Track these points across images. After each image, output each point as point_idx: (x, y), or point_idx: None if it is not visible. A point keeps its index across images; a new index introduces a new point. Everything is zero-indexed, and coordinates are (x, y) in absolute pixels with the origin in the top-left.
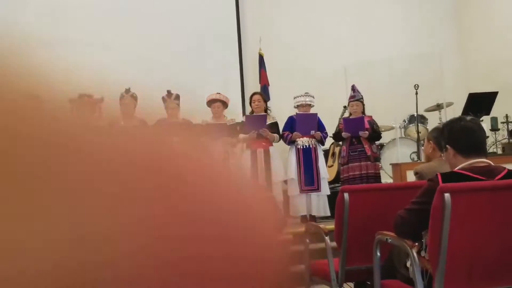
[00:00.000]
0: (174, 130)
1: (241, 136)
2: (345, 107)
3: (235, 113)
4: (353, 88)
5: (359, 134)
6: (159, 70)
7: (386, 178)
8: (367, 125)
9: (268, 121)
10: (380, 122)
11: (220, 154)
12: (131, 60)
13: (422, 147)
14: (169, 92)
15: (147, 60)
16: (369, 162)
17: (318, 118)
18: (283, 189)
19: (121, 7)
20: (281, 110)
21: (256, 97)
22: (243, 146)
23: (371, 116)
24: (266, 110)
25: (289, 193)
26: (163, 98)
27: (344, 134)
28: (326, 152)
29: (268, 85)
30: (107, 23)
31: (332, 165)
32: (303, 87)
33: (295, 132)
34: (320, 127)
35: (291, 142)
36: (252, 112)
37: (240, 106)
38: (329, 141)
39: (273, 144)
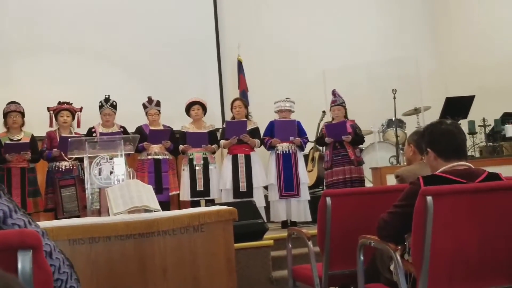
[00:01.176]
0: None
1: (222, 141)
2: (324, 112)
3: (214, 118)
4: (334, 93)
5: (342, 139)
6: (137, 75)
7: (366, 182)
8: (349, 129)
9: (249, 127)
10: (359, 126)
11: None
12: (109, 65)
13: (401, 151)
14: (149, 98)
15: (126, 65)
16: (352, 166)
17: (299, 123)
18: (265, 195)
19: (98, 11)
20: (261, 115)
21: (237, 103)
22: (223, 152)
23: (353, 120)
24: (247, 115)
25: (269, 198)
26: (144, 104)
27: (327, 140)
28: (306, 157)
29: (247, 90)
30: (83, 27)
31: (312, 170)
32: (283, 91)
33: (274, 139)
34: (301, 132)
35: (271, 147)
36: (233, 117)
37: (219, 111)
38: (308, 146)
39: (255, 149)
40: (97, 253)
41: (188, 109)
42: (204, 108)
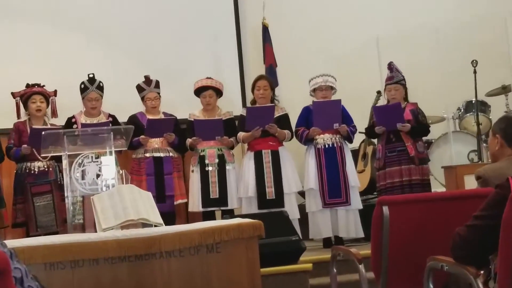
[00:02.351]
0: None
1: (241, 134)
2: (379, 93)
3: (232, 103)
4: (391, 67)
5: (398, 128)
6: (130, 50)
7: (437, 186)
8: (409, 116)
9: (277, 114)
10: (427, 112)
11: None
12: (93, 37)
13: (484, 144)
14: (147, 78)
15: (115, 36)
16: (412, 166)
17: (343, 107)
18: (299, 204)
19: None
20: (292, 100)
21: (262, 82)
22: (243, 148)
23: (415, 104)
24: (273, 99)
25: (308, 209)
26: (139, 86)
27: (377, 129)
28: (355, 153)
29: (276, 65)
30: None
31: (363, 170)
32: (322, 68)
33: (312, 128)
34: (346, 118)
35: (308, 140)
36: (255, 102)
37: (239, 94)
38: (358, 138)
39: (284, 143)
40: (81, 281)
41: (198, 94)
42: (218, 93)
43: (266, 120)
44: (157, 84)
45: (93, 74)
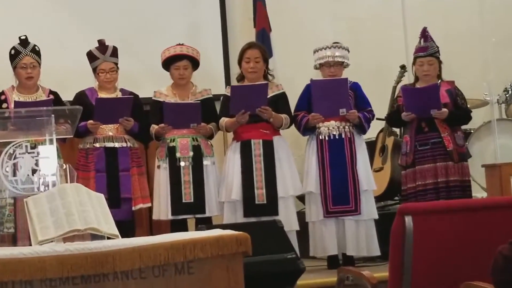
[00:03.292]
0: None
1: (224, 120)
2: (403, 67)
3: (212, 79)
4: (425, 34)
5: (432, 115)
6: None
7: (476, 189)
8: (445, 98)
9: (271, 93)
10: (464, 93)
11: None
12: None
13: None
14: (101, 43)
15: None
16: (450, 163)
17: (357, 85)
18: (299, 211)
19: None
20: (291, 75)
21: (252, 52)
22: (226, 137)
23: (452, 82)
24: (266, 74)
25: (308, 218)
26: (90, 53)
27: (405, 116)
28: (371, 146)
29: (270, 30)
30: None
31: (381, 168)
32: (329, 34)
33: (312, 114)
34: (360, 100)
35: (307, 129)
36: (243, 77)
37: (221, 67)
38: (376, 127)
39: (280, 131)
40: None
41: (167, 66)
42: (195, 64)
43: (257, 102)
44: (115, 52)
45: (25, 36)
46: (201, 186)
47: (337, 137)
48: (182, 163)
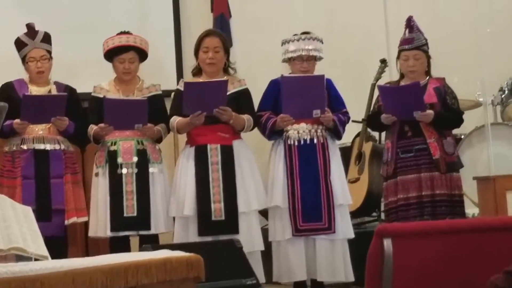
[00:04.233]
0: None
1: (176, 120)
2: (383, 61)
3: (162, 73)
4: (411, 24)
5: (415, 117)
6: None
7: (466, 204)
8: (432, 98)
9: (232, 89)
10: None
11: None
12: None
13: None
14: (30, 27)
15: None
16: (436, 173)
17: (330, 84)
18: (263, 228)
19: None
20: (255, 68)
21: (211, 41)
22: (177, 140)
23: (442, 79)
24: (227, 68)
25: (272, 237)
26: (18, 40)
27: (384, 118)
28: (346, 152)
29: (229, 16)
30: None
31: (357, 179)
32: (300, 21)
33: (281, 115)
34: (334, 101)
35: (274, 132)
36: (200, 71)
37: (173, 59)
38: (352, 130)
39: (242, 135)
40: None
41: (110, 57)
42: (142, 55)
43: (214, 102)
44: (47, 38)
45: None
46: (146, 197)
47: (308, 142)
48: (124, 170)
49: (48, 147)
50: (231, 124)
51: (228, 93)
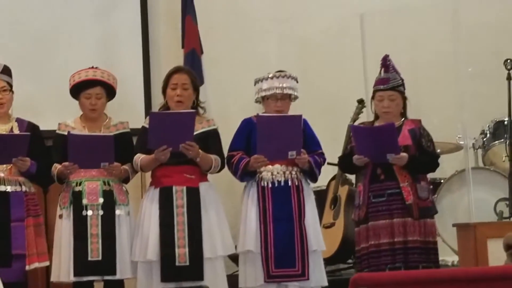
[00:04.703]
0: None
1: (140, 157)
2: (361, 101)
3: (130, 111)
4: (387, 63)
5: (389, 160)
6: None
7: (445, 252)
8: (407, 140)
9: (200, 128)
10: (434, 135)
11: None
12: None
13: None
14: None
15: None
16: (409, 219)
17: (306, 124)
18: (230, 274)
19: None
20: (226, 108)
21: (180, 77)
22: (144, 180)
23: (418, 121)
24: (196, 107)
25: (243, 283)
26: None
27: (356, 159)
28: (321, 196)
29: (201, 52)
30: None
31: (332, 224)
32: (275, 59)
33: (254, 156)
34: (310, 142)
35: (246, 174)
36: (167, 107)
37: (142, 97)
38: (327, 173)
39: (208, 176)
40: None
41: (77, 93)
42: (110, 92)
43: (181, 136)
44: (7, 71)
45: None
46: (111, 241)
47: (282, 184)
48: (89, 212)
49: (9, 188)
50: (198, 162)
51: (195, 133)
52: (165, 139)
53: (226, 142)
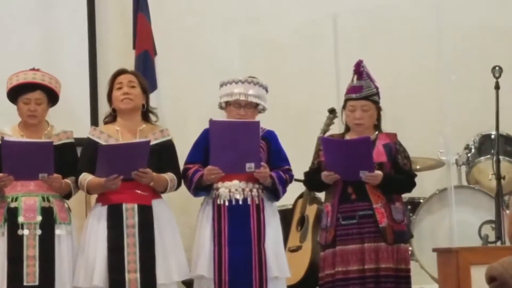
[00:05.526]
0: None
1: (87, 179)
2: (332, 111)
3: (74, 119)
4: (360, 70)
5: (362, 178)
6: None
7: (425, 281)
8: (381, 156)
9: (153, 141)
10: (412, 150)
11: None
12: None
13: (507, 211)
14: None
15: None
16: (382, 244)
17: (272, 134)
18: None
19: None
20: (184, 115)
21: (125, 77)
22: (89, 196)
23: (393, 135)
24: (147, 113)
25: None
26: None
27: (325, 176)
28: (286, 216)
29: (155, 54)
30: None
31: (299, 247)
32: (236, 64)
33: (208, 167)
34: (275, 155)
35: (200, 189)
36: (115, 117)
37: (88, 103)
38: (294, 190)
39: (162, 196)
40: None
41: (14, 97)
42: (52, 97)
43: (133, 163)
44: None
45: None
46: (50, 264)
47: (240, 202)
48: (25, 232)
49: None
50: (152, 186)
51: (147, 153)
52: (115, 168)
53: (182, 155)
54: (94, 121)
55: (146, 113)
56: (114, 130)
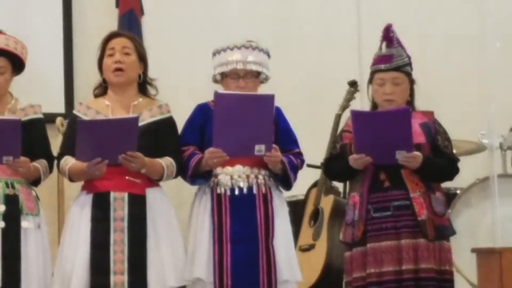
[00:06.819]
0: None
1: (69, 163)
2: (354, 84)
3: (46, 91)
4: (389, 36)
5: (398, 160)
6: None
7: (461, 284)
8: (418, 137)
9: (148, 118)
10: (448, 131)
11: None
12: None
13: None
14: None
15: None
16: (422, 240)
17: (279, 111)
18: None
19: None
20: (171, 91)
21: (119, 41)
22: (62, 182)
23: (431, 114)
24: (144, 84)
25: None
26: None
27: (354, 160)
28: (297, 208)
29: (141, 14)
30: None
31: (312, 246)
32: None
33: (209, 149)
34: (283, 136)
35: (199, 175)
36: (106, 91)
37: (61, 72)
38: (306, 179)
39: (160, 183)
40: None
41: None
42: (17, 65)
43: (120, 144)
44: None
45: None
46: (15, 261)
47: (244, 191)
48: None
49: None
50: (143, 173)
51: (143, 123)
52: (98, 151)
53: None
54: (69, 93)
55: (143, 85)
56: (104, 105)
